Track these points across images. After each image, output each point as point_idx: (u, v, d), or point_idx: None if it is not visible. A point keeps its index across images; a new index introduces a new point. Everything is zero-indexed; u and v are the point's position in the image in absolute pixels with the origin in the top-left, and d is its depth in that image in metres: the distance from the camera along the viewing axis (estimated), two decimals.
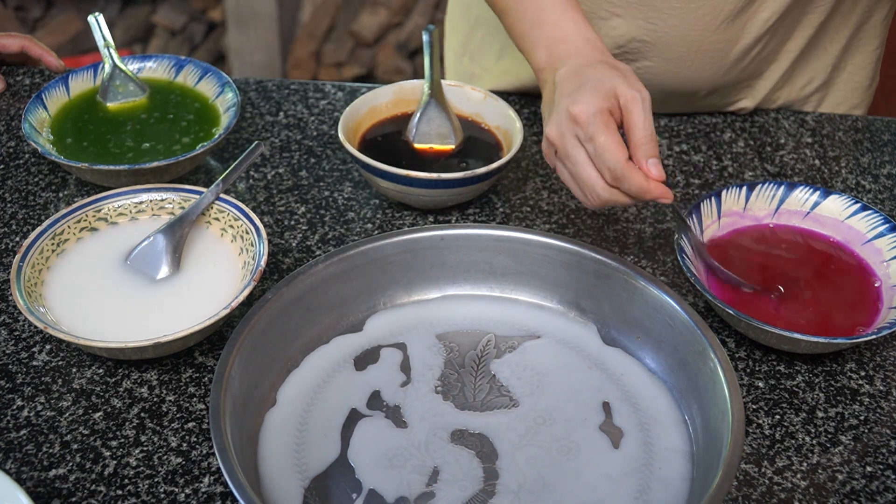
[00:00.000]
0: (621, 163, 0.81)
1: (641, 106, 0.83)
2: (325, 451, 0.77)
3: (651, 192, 0.81)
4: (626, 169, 0.81)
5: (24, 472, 0.76)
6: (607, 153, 0.81)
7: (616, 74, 0.84)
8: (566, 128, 0.84)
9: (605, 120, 0.82)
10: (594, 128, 0.81)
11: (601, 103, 0.82)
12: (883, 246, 0.91)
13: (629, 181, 0.81)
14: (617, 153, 0.81)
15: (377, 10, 2.82)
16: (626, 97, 0.83)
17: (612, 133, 0.82)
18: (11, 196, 1.03)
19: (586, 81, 0.84)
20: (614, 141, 0.81)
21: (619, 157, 0.81)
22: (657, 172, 0.82)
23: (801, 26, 1.10)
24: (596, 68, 0.86)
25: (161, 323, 0.83)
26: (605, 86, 0.83)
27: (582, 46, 0.89)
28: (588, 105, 0.82)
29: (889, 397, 0.85)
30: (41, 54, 1.18)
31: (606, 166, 0.81)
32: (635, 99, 0.83)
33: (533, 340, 0.86)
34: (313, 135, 1.12)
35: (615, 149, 0.81)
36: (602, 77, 0.84)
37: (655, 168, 0.82)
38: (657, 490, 0.74)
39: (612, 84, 0.83)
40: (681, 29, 1.06)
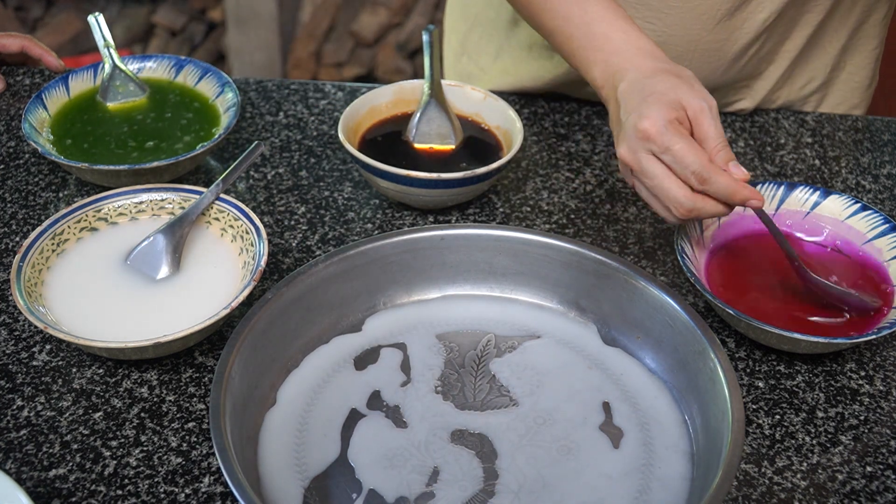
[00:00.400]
0: (705, 164, 0.79)
1: (710, 114, 0.82)
2: (325, 451, 0.77)
3: (740, 192, 0.80)
4: (711, 170, 0.79)
5: (24, 472, 0.76)
6: (687, 157, 0.79)
7: (679, 83, 0.83)
8: (637, 145, 0.82)
9: (677, 128, 0.80)
10: (668, 137, 0.80)
11: (669, 114, 0.81)
12: (883, 246, 0.91)
13: (716, 182, 0.79)
14: (700, 155, 0.79)
15: (377, 10, 2.82)
16: (693, 108, 0.82)
17: (688, 139, 0.80)
18: (11, 196, 1.03)
19: (650, 94, 0.83)
20: (692, 145, 0.80)
21: (703, 158, 0.79)
22: (743, 174, 0.80)
23: (799, 26, 1.10)
24: (658, 79, 0.84)
25: (161, 323, 0.83)
26: (670, 97, 0.82)
27: (636, 57, 0.88)
28: (656, 118, 0.81)
29: (889, 397, 0.85)
30: (41, 54, 1.18)
31: (690, 171, 0.80)
32: (703, 108, 0.82)
33: (533, 340, 0.86)
34: (313, 135, 1.12)
35: (696, 152, 0.79)
36: (666, 88, 0.83)
37: (739, 170, 0.80)
38: (657, 490, 0.74)
39: (676, 95, 0.82)
40: (678, 28, 1.06)
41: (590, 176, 1.07)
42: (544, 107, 1.18)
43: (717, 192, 0.80)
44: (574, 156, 1.10)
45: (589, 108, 1.18)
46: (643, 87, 0.84)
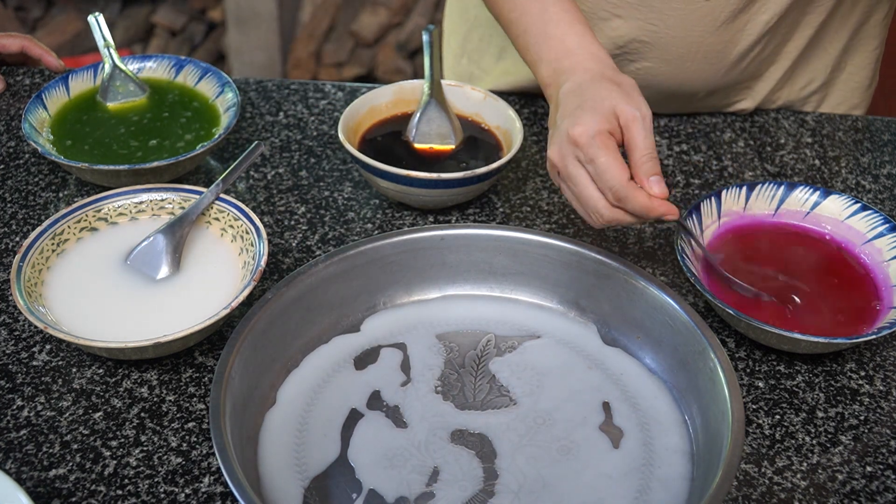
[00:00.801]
0: (623, 183, 0.80)
1: (641, 124, 0.82)
2: (325, 451, 0.77)
3: (655, 209, 0.81)
4: (627, 188, 0.80)
5: (24, 472, 0.76)
6: (608, 173, 0.81)
7: (617, 92, 0.84)
8: (566, 150, 0.83)
9: (605, 141, 0.81)
10: (594, 149, 0.81)
11: (600, 125, 0.82)
12: (883, 246, 0.91)
13: (632, 201, 0.80)
14: (618, 173, 0.80)
15: (377, 10, 2.82)
16: (626, 116, 0.83)
17: (613, 153, 0.81)
18: (11, 196, 1.03)
19: (586, 101, 0.84)
20: (615, 161, 0.81)
21: (621, 177, 0.80)
22: (659, 190, 0.81)
23: (800, 27, 1.10)
24: (597, 86, 0.85)
25: (161, 323, 0.83)
26: (605, 105, 0.83)
27: (586, 61, 0.89)
28: (587, 127, 0.82)
29: (889, 397, 0.85)
30: (41, 54, 1.18)
31: (608, 186, 0.81)
32: (635, 118, 0.82)
33: (533, 340, 0.86)
34: (313, 135, 1.12)
35: (616, 169, 0.81)
36: (602, 96, 0.84)
37: (658, 186, 0.81)
38: (657, 490, 0.74)
39: (611, 103, 0.83)
40: (680, 30, 1.06)
41: None
42: (544, 107, 1.18)
43: (632, 210, 0.81)
44: None
45: None
46: (582, 91, 0.85)
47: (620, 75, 0.87)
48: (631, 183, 0.81)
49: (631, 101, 0.84)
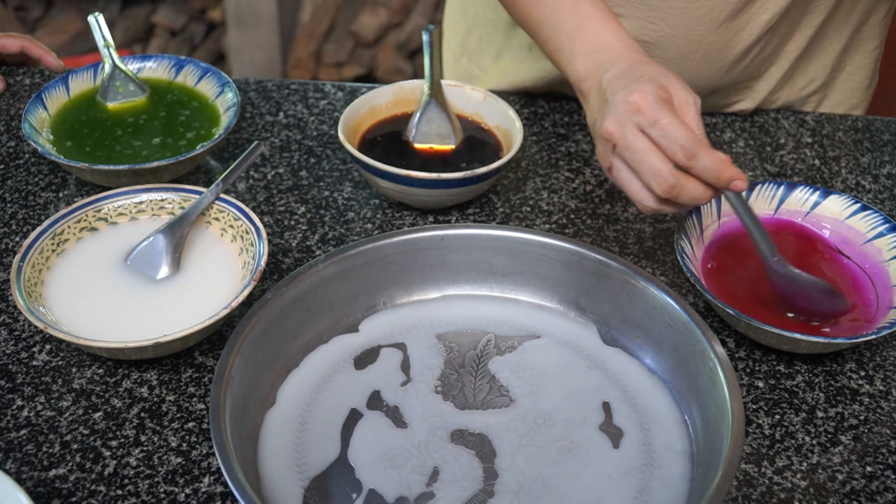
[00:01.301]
0: (694, 139, 0.78)
1: (694, 108, 0.82)
2: (325, 451, 0.77)
3: (726, 170, 0.79)
4: (700, 145, 0.78)
5: (24, 472, 0.76)
6: (678, 131, 0.78)
7: (669, 74, 0.84)
8: (626, 118, 0.81)
9: (667, 105, 0.80)
10: (657, 111, 0.79)
11: (661, 93, 0.81)
12: (883, 246, 0.91)
13: (704, 158, 0.78)
14: (688, 130, 0.79)
15: (377, 10, 2.82)
16: (680, 98, 0.82)
17: (677, 114, 0.80)
18: (11, 196, 1.03)
19: (640, 76, 0.83)
20: (681, 120, 0.79)
21: (691, 133, 0.78)
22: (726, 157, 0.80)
23: (801, 27, 1.10)
24: (646, 67, 0.85)
25: (161, 323, 0.83)
26: (661, 81, 0.82)
27: (625, 51, 0.89)
28: (647, 92, 0.80)
29: (889, 397, 0.85)
30: (41, 54, 1.18)
31: (679, 144, 0.78)
32: (689, 102, 0.82)
33: (533, 340, 0.86)
34: (313, 135, 1.12)
35: (685, 126, 0.79)
36: (655, 74, 0.83)
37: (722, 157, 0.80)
38: (657, 490, 0.74)
39: (666, 81, 0.83)
40: (681, 28, 1.06)
41: (590, 176, 1.07)
42: (544, 107, 1.18)
43: (703, 168, 0.79)
44: (574, 156, 1.10)
45: None
46: (633, 70, 0.85)
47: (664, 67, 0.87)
48: (704, 140, 0.79)
49: (684, 86, 0.83)
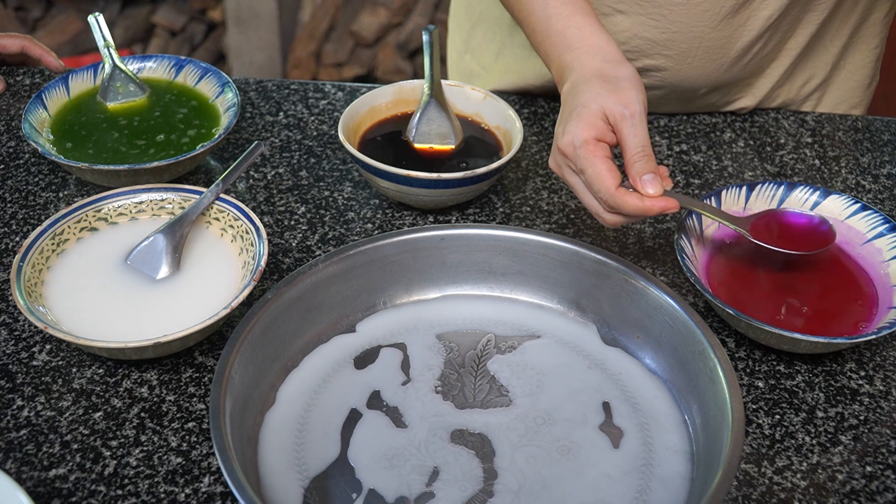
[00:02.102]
0: (610, 192, 0.81)
1: (630, 122, 0.82)
2: (325, 451, 0.77)
3: (650, 209, 0.81)
4: (616, 196, 0.81)
5: (24, 472, 0.76)
6: (594, 185, 0.81)
7: (605, 91, 0.84)
8: (560, 160, 0.85)
9: (591, 150, 0.82)
10: (580, 161, 0.82)
11: (585, 132, 0.82)
12: (883, 246, 0.91)
13: (623, 207, 0.81)
14: (605, 182, 0.81)
15: (377, 10, 2.82)
16: (614, 116, 0.83)
17: (600, 161, 0.81)
18: (11, 196, 1.03)
19: (575, 106, 0.84)
20: (602, 170, 0.81)
21: (608, 186, 0.81)
22: (653, 189, 0.81)
23: (802, 24, 1.10)
24: (587, 86, 0.85)
25: (161, 323, 0.83)
26: (592, 109, 0.83)
27: (583, 56, 0.89)
28: (572, 137, 0.82)
29: (889, 397, 0.85)
30: (41, 54, 1.18)
31: (599, 197, 0.82)
32: (623, 116, 0.82)
33: (533, 340, 0.86)
34: (313, 135, 1.12)
35: (602, 180, 0.81)
36: (590, 98, 0.84)
37: (651, 185, 0.81)
38: (657, 490, 0.74)
39: (599, 105, 0.83)
40: (683, 25, 1.06)
41: None
42: (544, 107, 1.18)
43: (628, 214, 0.82)
44: None
45: None
46: (575, 94, 0.85)
47: (619, 67, 0.87)
48: (620, 190, 0.81)
49: (620, 98, 0.83)
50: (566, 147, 0.83)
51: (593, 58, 0.88)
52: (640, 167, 0.82)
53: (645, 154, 0.82)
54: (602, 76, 0.86)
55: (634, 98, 0.83)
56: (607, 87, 0.84)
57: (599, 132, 0.82)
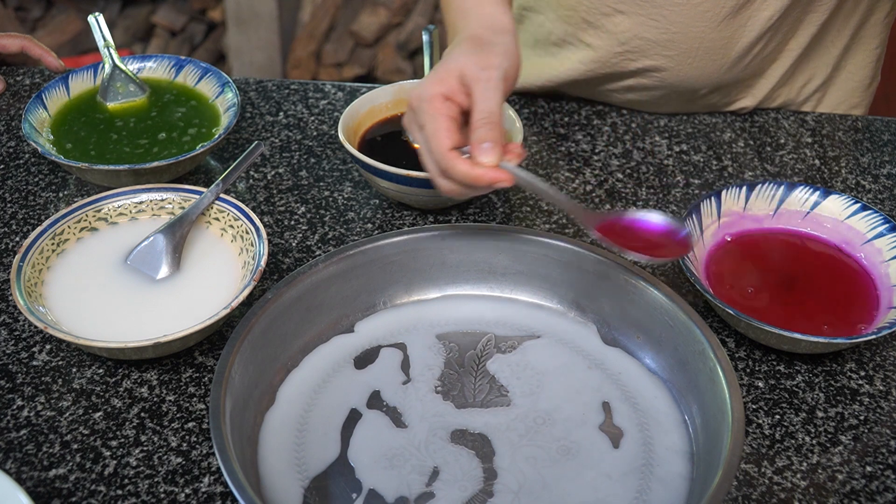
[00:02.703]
0: (443, 151, 0.76)
1: (483, 85, 0.77)
2: (325, 451, 0.77)
3: (480, 179, 0.76)
4: (447, 158, 0.76)
5: (24, 472, 0.76)
6: (431, 142, 0.77)
7: (471, 51, 0.79)
8: (408, 115, 0.81)
9: (436, 106, 0.77)
10: (422, 115, 0.78)
11: (434, 87, 0.77)
12: (883, 246, 0.91)
13: (452, 171, 0.76)
14: (440, 141, 0.76)
15: (377, 10, 2.82)
16: (469, 76, 0.78)
17: (440, 119, 0.77)
18: (11, 196, 1.03)
19: (442, 62, 0.81)
20: (440, 128, 0.76)
21: (441, 146, 0.76)
22: (488, 158, 0.76)
23: (803, 25, 1.10)
24: (458, 48, 0.81)
25: (161, 323, 0.83)
26: (451, 66, 0.79)
27: (471, 23, 0.85)
28: (421, 90, 0.78)
29: (889, 397, 0.85)
30: (41, 54, 1.18)
31: (433, 156, 0.77)
32: (477, 78, 0.77)
33: (533, 340, 0.86)
34: (313, 135, 1.12)
35: (438, 138, 0.76)
36: (454, 57, 0.80)
37: (487, 154, 0.76)
38: (657, 490, 0.74)
39: (458, 64, 0.78)
40: (683, 25, 1.06)
41: (590, 176, 1.07)
42: (544, 107, 1.18)
43: (457, 180, 0.77)
44: (574, 156, 1.10)
45: (589, 107, 1.18)
46: (446, 55, 0.82)
47: (498, 34, 0.82)
48: (452, 153, 0.76)
49: (480, 60, 0.78)
50: (413, 100, 0.79)
51: (478, 24, 0.84)
52: (482, 133, 0.76)
53: (490, 121, 0.76)
54: (476, 39, 0.82)
55: (496, 63, 0.79)
56: (474, 49, 0.80)
57: (449, 90, 0.78)
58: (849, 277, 0.91)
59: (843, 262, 0.93)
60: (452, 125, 0.77)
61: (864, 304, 0.89)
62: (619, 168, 1.08)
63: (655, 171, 1.08)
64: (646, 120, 1.16)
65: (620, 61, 1.11)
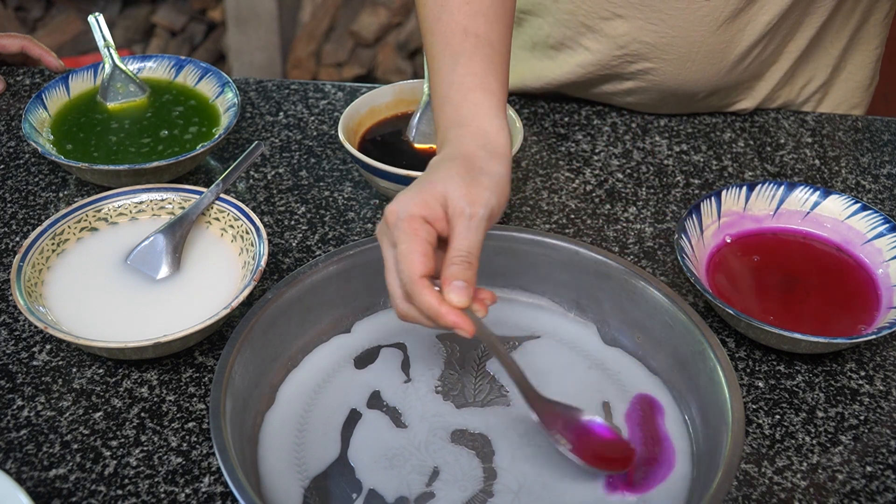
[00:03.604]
0: (413, 277, 0.70)
1: (466, 223, 0.72)
2: (325, 451, 0.77)
3: (444, 317, 0.70)
4: (417, 284, 0.70)
5: (24, 472, 0.76)
6: (402, 262, 0.71)
7: (460, 178, 0.73)
8: (381, 227, 0.75)
9: (414, 227, 0.71)
10: (398, 233, 0.72)
11: (416, 208, 0.72)
12: (883, 246, 0.91)
13: (418, 298, 0.70)
14: (413, 265, 0.70)
15: (377, 10, 2.82)
16: (453, 208, 0.72)
17: (416, 242, 0.71)
18: (11, 196, 1.03)
19: (423, 180, 0.75)
20: (414, 251, 0.71)
21: (414, 270, 0.70)
22: (458, 299, 0.70)
23: (802, 27, 1.10)
24: (446, 165, 0.75)
25: (161, 323, 0.83)
26: (436, 189, 0.73)
27: (466, 136, 0.78)
28: (401, 207, 0.72)
29: (889, 397, 0.85)
30: (41, 54, 1.18)
31: (400, 277, 0.72)
32: (462, 214, 0.72)
33: (533, 340, 0.86)
34: (313, 135, 1.12)
35: (411, 260, 0.70)
36: (441, 178, 0.74)
37: (457, 294, 0.70)
38: (657, 490, 0.74)
39: (444, 188, 0.73)
40: (682, 30, 1.06)
41: (590, 176, 1.07)
42: (544, 107, 1.18)
43: (420, 309, 0.71)
44: (574, 156, 1.10)
45: (589, 108, 1.18)
46: (434, 168, 0.76)
47: (492, 161, 0.76)
48: (423, 280, 0.70)
49: (469, 193, 0.72)
50: (389, 214, 0.73)
51: (473, 141, 0.77)
52: (456, 271, 0.71)
53: (467, 261, 0.71)
54: (468, 162, 0.75)
55: (484, 200, 0.73)
56: (465, 176, 0.74)
57: (431, 214, 0.72)
58: (849, 277, 0.91)
59: (843, 262, 0.93)
60: (429, 250, 0.72)
61: (864, 304, 0.89)
62: (619, 168, 1.08)
63: (655, 171, 1.08)
64: (646, 120, 1.16)
65: (619, 65, 1.11)
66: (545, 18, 1.13)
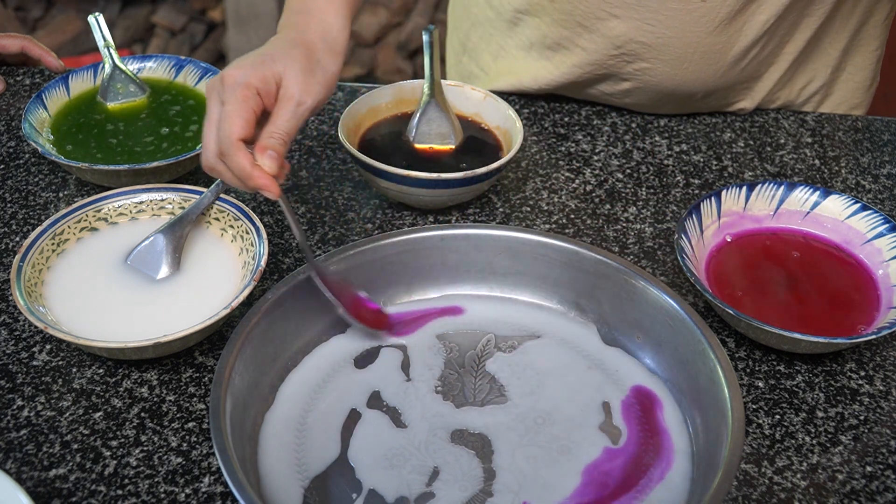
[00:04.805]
0: (232, 137, 0.77)
1: (293, 109, 0.79)
2: (325, 451, 0.77)
3: (255, 178, 0.77)
4: (234, 146, 0.77)
5: (24, 472, 0.76)
6: (226, 122, 0.77)
7: (299, 67, 0.81)
8: (216, 84, 0.80)
9: (245, 95, 0.78)
10: (230, 94, 0.78)
11: (255, 80, 0.79)
12: (883, 246, 0.92)
13: (233, 158, 0.77)
14: (234, 126, 0.77)
15: (377, 10, 2.82)
16: (286, 91, 0.80)
17: (245, 109, 0.78)
18: (11, 196, 1.03)
19: (269, 54, 0.81)
20: (241, 115, 0.77)
21: (234, 131, 0.77)
22: (270, 165, 0.78)
23: (799, 28, 1.10)
24: (292, 50, 0.82)
25: (161, 323, 0.83)
26: (276, 68, 0.80)
27: (312, 24, 0.85)
28: (240, 72, 0.79)
29: (889, 397, 0.85)
30: (41, 54, 1.18)
31: (221, 135, 0.78)
32: (291, 98, 0.79)
33: (533, 340, 0.86)
34: (313, 135, 1.12)
35: (233, 121, 0.77)
36: (281, 60, 0.81)
37: (270, 160, 0.78)
38: (657, 490, 0.74)
39: (283, 71, 0.80)
40: (678, 30, 1.06)
41: (589, 176, 1.07)
42: (544, 107, 1.18)
43: (232, 168, 0.78)
44: (574, 156, 1.10)
45: (589, 108, 1.18)
46: (280, 44, 0.82)
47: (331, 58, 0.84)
48: (240, 143, 0.77)
49: (305, 83, 0.80)
50: (228, 77, 0.79)
51: (318, 33, 0.85)
52: (272, 142, 0.78)
53: (283, 139, 0.79)
54: (309, 52, 0.82)
55: (315, 92, 0.80)
56: (304, 65, 0.81)
57: (264, 89, 0.79)
58: (849, 277, 0.91)
59: (843, 262, 0.93)
60: (252, 118, 0.78)
61: (864, 304, 0.89)
62: (619, 168, 1.08)
63: (655, 171, 1.08)
64: (646, 120, 1.16)
65: (615, 65, 1.11)
66: (542, 18, 1.13)
